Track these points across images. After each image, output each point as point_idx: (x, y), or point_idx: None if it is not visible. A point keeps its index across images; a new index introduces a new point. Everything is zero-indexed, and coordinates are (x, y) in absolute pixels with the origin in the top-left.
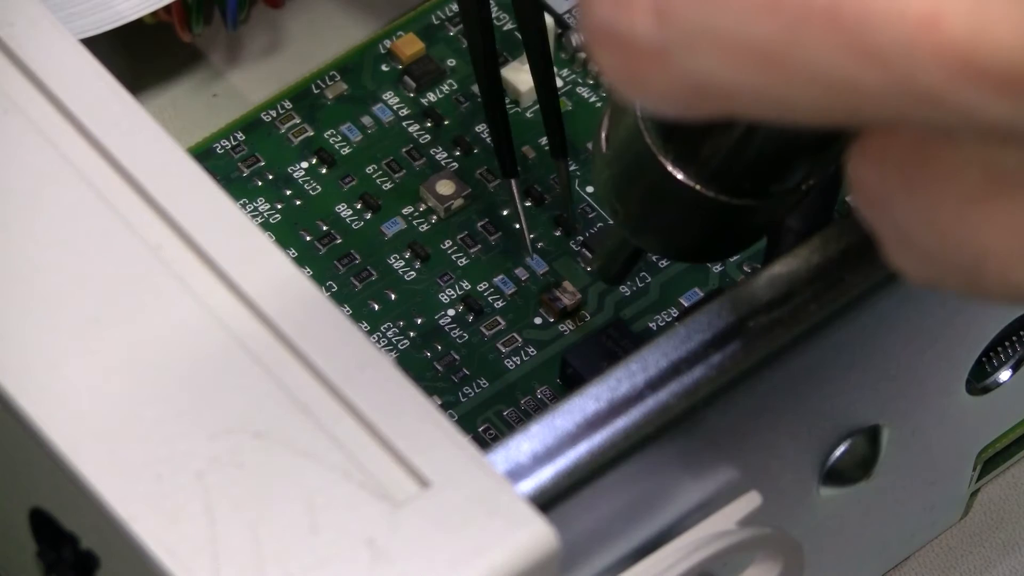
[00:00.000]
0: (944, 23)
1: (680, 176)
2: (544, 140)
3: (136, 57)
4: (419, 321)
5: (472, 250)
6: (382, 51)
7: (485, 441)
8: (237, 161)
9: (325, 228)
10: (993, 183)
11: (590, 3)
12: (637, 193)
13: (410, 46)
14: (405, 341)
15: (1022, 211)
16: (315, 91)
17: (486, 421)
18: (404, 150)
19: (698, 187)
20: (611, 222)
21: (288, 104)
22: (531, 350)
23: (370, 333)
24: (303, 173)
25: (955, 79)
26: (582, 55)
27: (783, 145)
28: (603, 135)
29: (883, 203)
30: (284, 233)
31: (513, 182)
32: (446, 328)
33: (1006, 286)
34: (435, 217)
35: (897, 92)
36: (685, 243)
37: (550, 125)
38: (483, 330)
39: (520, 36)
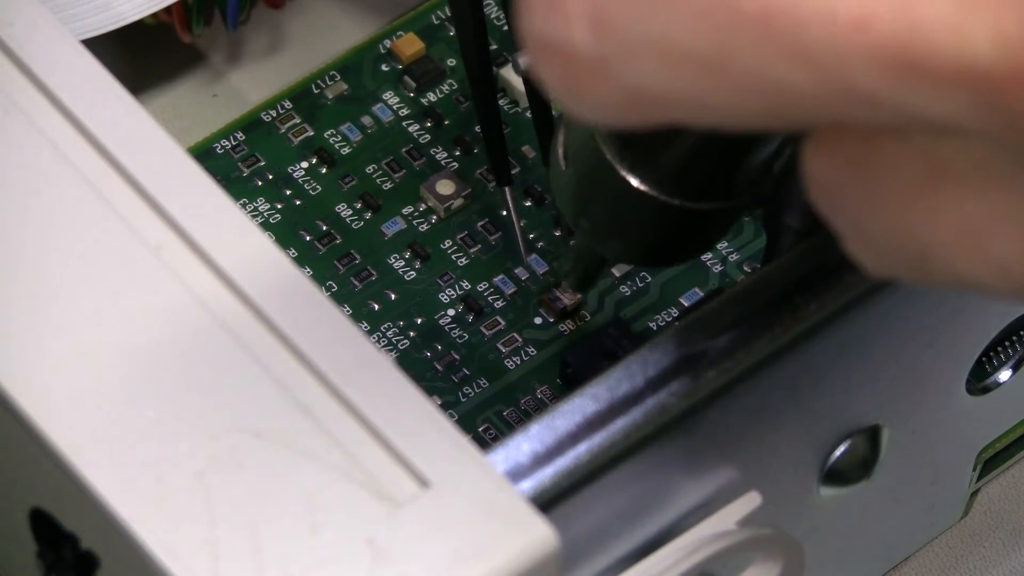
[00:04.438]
0: (875, 23)
1: (639, 184)
2: None
3: (136, 58)
4: (419, 321)
5: (472, 250)
6: (382, 51)
7: (485, 441)
8: (237, 161)
9: (325, 228)
10: (936, 176)
11: (528, 13)
12: (598, 204)
13: (410, 46)
14: (405, 341)
15: (964, 204)
16: (315, 91)
17: (486, 421)
18: (404, 150)
19: (657, 194)
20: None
21: (288, 104)
22: (531, 350)
23: (370, 333)
24: (303, 173)
25: (888, 78)
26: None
27: (739, 149)
28: (560, 151)
29: (835, 196)
30: (284, 233)
31: (507, 190)
32: (446, 328)
33: (953, 277)
34: (435, 217)
35: (832, 94)
36: (650, 250)
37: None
38: (483, 330)
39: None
